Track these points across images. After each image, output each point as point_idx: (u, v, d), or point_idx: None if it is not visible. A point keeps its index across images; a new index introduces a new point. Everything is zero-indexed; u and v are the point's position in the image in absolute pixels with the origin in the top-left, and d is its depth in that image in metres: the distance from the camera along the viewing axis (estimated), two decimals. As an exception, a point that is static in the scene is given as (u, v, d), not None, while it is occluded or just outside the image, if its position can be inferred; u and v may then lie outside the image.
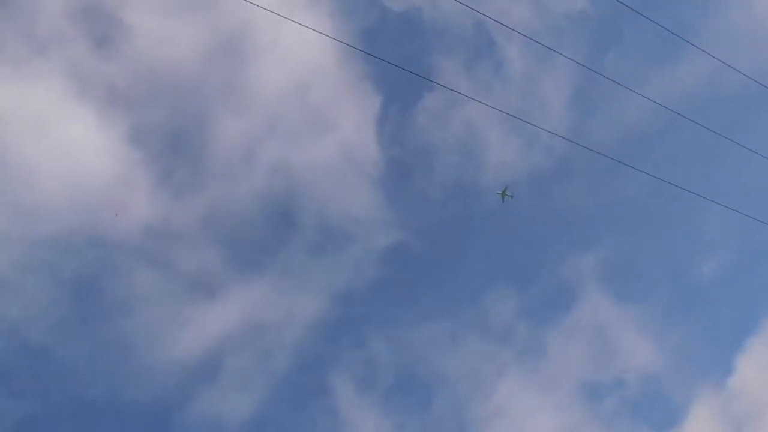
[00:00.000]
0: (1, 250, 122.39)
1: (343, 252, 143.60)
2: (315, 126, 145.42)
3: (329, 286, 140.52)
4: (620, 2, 76.26)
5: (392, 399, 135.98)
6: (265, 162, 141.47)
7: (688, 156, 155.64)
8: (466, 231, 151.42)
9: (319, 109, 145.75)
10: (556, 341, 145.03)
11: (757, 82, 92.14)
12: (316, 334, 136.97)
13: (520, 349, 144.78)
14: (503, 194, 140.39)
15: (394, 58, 70.35)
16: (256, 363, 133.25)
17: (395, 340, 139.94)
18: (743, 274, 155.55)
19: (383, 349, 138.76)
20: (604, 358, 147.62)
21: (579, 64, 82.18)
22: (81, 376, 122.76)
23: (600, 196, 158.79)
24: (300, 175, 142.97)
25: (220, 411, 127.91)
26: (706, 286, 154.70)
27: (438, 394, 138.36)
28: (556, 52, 79.09)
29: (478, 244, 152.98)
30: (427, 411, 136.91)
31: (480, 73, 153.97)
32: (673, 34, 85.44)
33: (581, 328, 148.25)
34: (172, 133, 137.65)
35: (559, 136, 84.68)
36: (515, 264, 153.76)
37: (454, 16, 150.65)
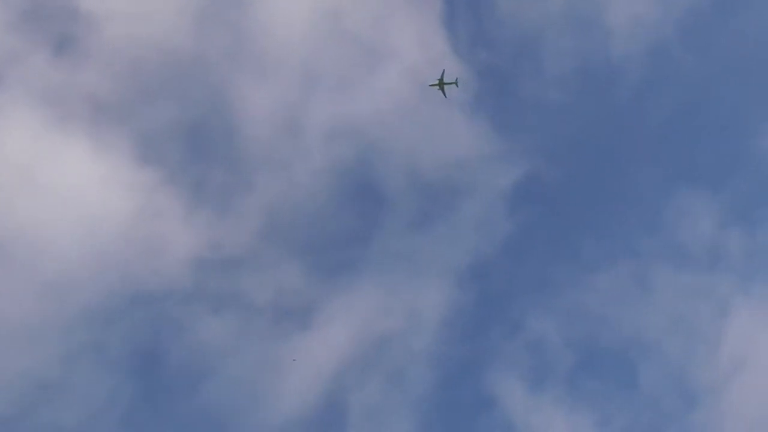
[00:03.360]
0: (39, 345, 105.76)
1: (456, 211, 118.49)
2: (365, 60, 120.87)
3: (452, 261, 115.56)
4: None
5: (580, 387, 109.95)
6: (316, 128, 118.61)
7: None
8: (610, 129, 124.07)
9: (363, 36, 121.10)
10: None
11: None
12: (453, 329, 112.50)
13: (742, 268, 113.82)
14: (440, 84, 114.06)
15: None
16: (390, 390, 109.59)
17: (559, 307, 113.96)
18: None
19: (547, 323, 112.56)
20: None
21: None
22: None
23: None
24: (367, 131, 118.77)
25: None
26: None
27: (642, 364, 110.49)
28: None
29: (633, 140, 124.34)
30: (635, 390, 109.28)
31: None
32: None
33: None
34: (188, 131, 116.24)
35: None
36: (695, 152, 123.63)
37: None
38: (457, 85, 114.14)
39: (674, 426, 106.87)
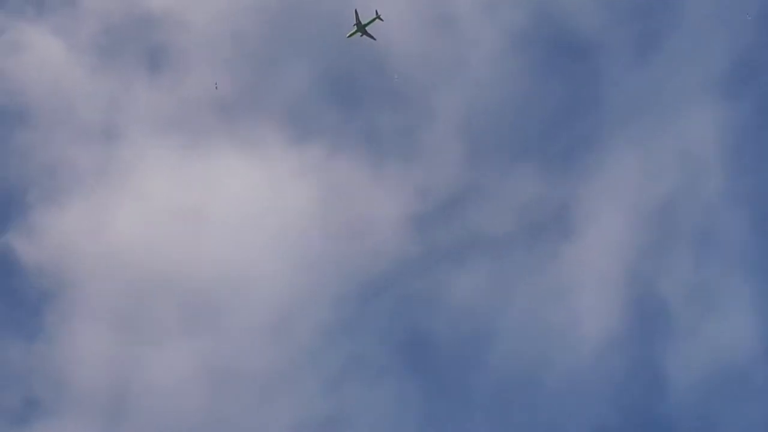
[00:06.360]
0: (309, 383, 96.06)
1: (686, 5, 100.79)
2: None
3: (711, 67, 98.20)
4: None
5: None
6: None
7: None
8: None
9: None
10: None
11: None
12: (751, 148, 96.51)
13: None
14: (361, 28, 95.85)
15: None
16: (708, 254, 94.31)
17: None
18: None
19: None
20: None
21: None
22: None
23: None
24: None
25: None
26: None
27: None
28: None
29: None
30: None
31: None
32: None
33: None
34: (330, 83, 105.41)
35: None
36: None
37: None
38: (381, 19, 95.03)
39: None
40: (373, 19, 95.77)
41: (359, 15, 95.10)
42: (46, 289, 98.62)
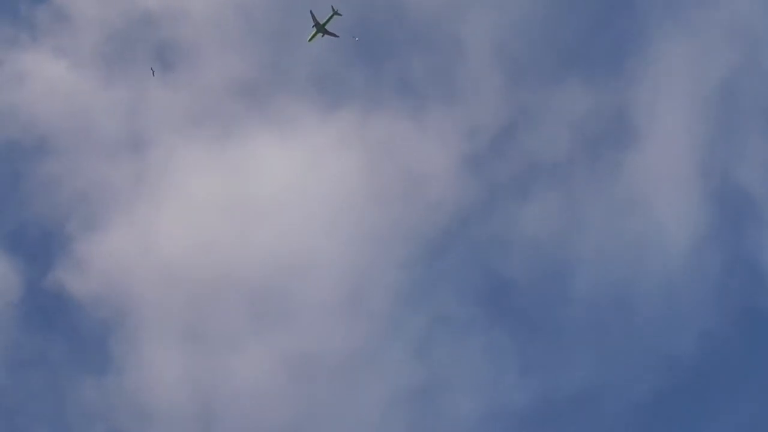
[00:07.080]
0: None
1: None
2: None
3: None
4: None
5: None
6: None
7: None
8: None
9: None
10: None
11: None
12: None
13: None
14: (321, 28, 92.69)
15: None
16: None
17: None
18: None
19: None
20: None
21: None
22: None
23: None
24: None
25: None
26: None
27: None
28: None
29: None
30: None
31: None
32: None
33: None
34: (354, 46, 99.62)
35: None
36: None
37: None
38: (339, 14, 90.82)
39: None
40: (331, 16, 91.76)
41: (315, 15, 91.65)
42: (106, 318, 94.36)
